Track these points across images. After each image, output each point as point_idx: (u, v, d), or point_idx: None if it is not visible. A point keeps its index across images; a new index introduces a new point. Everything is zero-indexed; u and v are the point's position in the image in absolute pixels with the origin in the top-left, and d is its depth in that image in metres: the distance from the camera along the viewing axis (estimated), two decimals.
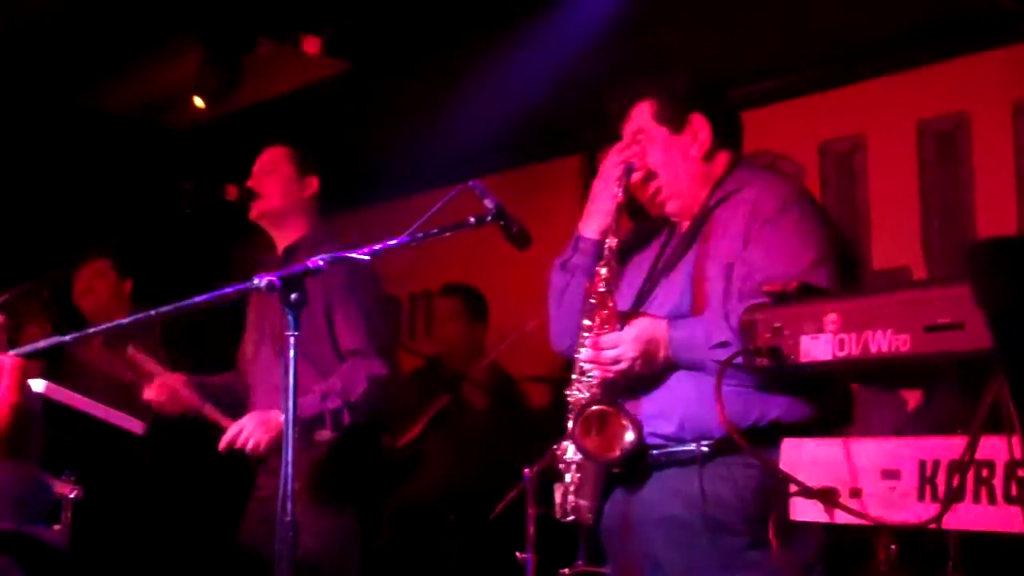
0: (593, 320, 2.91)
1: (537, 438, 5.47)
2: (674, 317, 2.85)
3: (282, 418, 3.58)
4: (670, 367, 2.85)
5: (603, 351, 2.82)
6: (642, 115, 3.02)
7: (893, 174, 5.05)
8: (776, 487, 2.37)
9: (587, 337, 2.90)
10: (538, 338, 6.10)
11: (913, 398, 3.73)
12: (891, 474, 2.18)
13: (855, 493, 2.22)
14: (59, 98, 5.90)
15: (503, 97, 5.75)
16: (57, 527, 3.72)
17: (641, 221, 3.25)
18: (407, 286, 6.73)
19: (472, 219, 2.81)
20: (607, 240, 2.95)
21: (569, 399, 2.92)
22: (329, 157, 4.19)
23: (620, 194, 2.97)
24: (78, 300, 5.05)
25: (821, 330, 2.20)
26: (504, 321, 6.04)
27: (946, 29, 4.76)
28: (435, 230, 2.79)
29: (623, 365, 2.81)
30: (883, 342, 2.11)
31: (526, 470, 4.41)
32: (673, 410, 2.83)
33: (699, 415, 2.78)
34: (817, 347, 2.21)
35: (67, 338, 3.31)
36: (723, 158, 3.02)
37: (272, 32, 5.24)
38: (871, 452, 2.22)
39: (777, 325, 2.27)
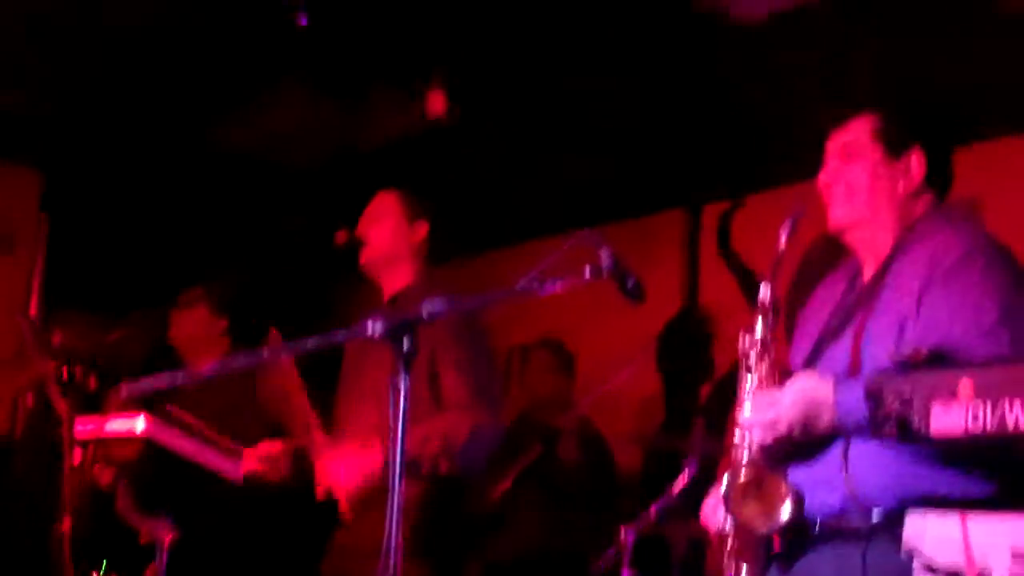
0: (756, 372, 2.71)
1: (630, 495, 5.45)
2: (842, 377, 2.60)
3: (379, 459, 3.59)
4: (833, 437, 2.59)
5: (759, 413, 2.61)
6: (861, 128, 2.79)
7: None
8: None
9: (748, 390, 2.71)
10: (628, 392, 6.11)
11: None
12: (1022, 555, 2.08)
13: (983, 574, 2.12)
14: (177, 135, 5.99)
15: (607, 148, 5.76)
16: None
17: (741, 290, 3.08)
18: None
19: (588, 270, 2.73)
20: (763, 290, 2.75)
21: (729, 458, 2.72)
22: (439, 206, 4.17)
23: (783, 240, 2.77)
24: (173, 338, 5.07)
25: (954, 398, 2.10)
26: (593, 375, 6.01)
27: None
28: (551, 281, 2.72)
29: (781, 429, 2.57)
30: (1022, 415, 2.01)
31: (623, 529, 4.35)
32: (838, 479, 2.56)
33: (867, 485, 2.53)
34: (949, 418, 2.11)
35: (175, 378, 3.35)
36: (924, 202, 2.78)
37: (390, 79, 5.29)
38: (999, 530, 2.12)
39: (906, 393, 2.18)
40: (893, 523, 2.41)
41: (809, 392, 2.55)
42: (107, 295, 5.81)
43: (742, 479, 2.59)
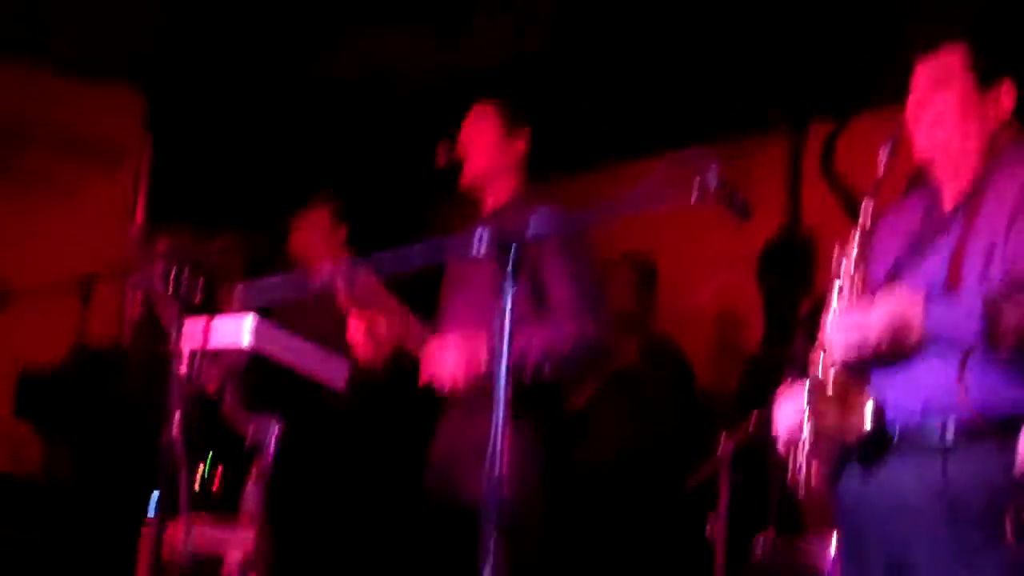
0: (847, 286, 2.74)
1: (729, 407, 5.44)
2: (935, 295, 2.63)
3: (483, 353, 3.60)
4: (918, 350, 2.63)
5: (848, 331, 2.63)
6: (952, 57, 2.78)
7: None
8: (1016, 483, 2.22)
9: (834, 306, 2.73)
10: (727, 309, 6.07)
11: None
12: None
13: None
14: (279, 58, 6.03)
15: (713, 68, 5.68)
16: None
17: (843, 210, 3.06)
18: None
19: (696, 187, 2.71)
20: (863, 207, 2.77)
21: (808, 371, 2.75)
22: (539, 124, 4.14)
23: (883, 162, 2.80)
24: (294, 246, 5.13)
25: None
26: (687, 293, 6.00)
27: None
28: (657, 197, 2.71)
29: (867, 350, 2.61)
30: None
31: (723, 436, 4.37)
32: (918, 392, 2.63)
33: (946, 398, 2.57)
34: None
35: (294, 278, 3.36)
36: (1010, 133, 2.79)
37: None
38: None
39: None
40: (974, 436, 2.51)
41: (898, 312, 2.58)
42: (208, 211, 5.90)
43: (827, 391, 2.64)
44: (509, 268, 2.58)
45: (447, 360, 3.67)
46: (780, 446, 2.84)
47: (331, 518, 4.50)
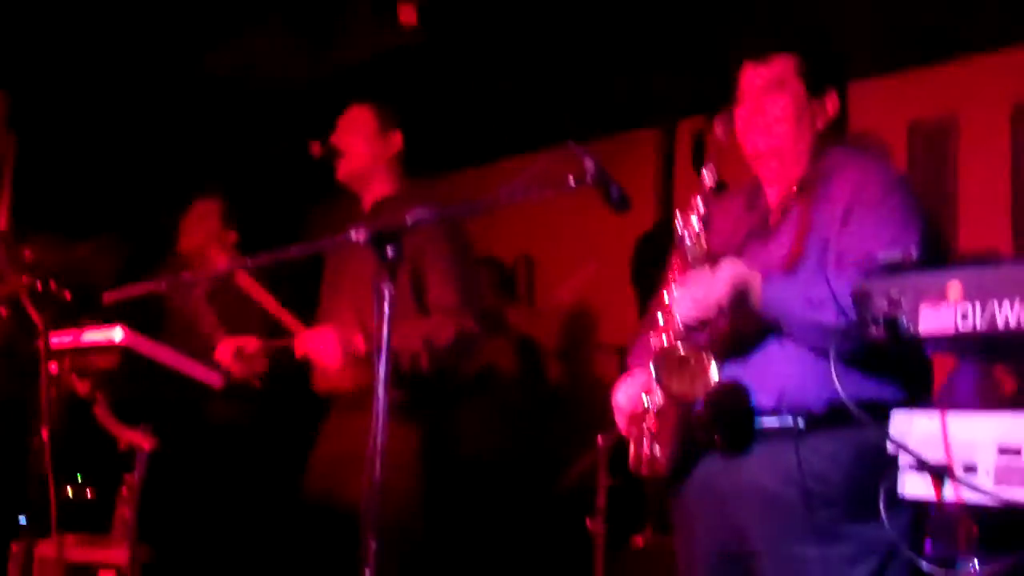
0: (682, 261, 2.86)
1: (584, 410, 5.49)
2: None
3: (361, 344, 3.59)
4: (761, 333, 2.77)
5: (692, 287, 2.73)
6: (785, 65, 2.94)
7: (984, 156, 4.95)
8: (882, 460, 2.29)
9: (674, 278, 2.84)
10: (605, 305, 6.15)
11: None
12: (1009, 450, 2.11)
13: (968, 469, 2.15)
14: (159, 60, 5.93)
15: (581, 67, 5.74)
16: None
17: (722, 192, 3.18)
18: None
19: (572, 179, 2.74)
20: (705, 175, 2.89)
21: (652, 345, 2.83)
22: (415, 122, 4.16)
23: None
24: (182, 242, 5.03)
25: (943, 299, 2.12)
26: (551, 289, 6.06)
27: None
28: (535, 188, 2.74)
29: (711, 303, 2.70)
30: (1011, 315, 2.04)
31: (600, 438, 4.39)
32: (770, 383, 2.76)
33: (797, 388, 2.72)
34: (938, 318, 2.13)
35: (156, 285, 3.32)
36: (831, 135, 2.98)
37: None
38: (987, 428, 2.15)
39: (895, 294, 2.20)
40: (824, 423, 2.68)
41: (742, 274, 2.71)
42: (74, 214, 5.76)
43: (667, 354, 2.71)
44: (387, 263, 2.57)
45: (323, 347, 3.66)
46: (621, 421, 2.91)
47: (207, 529, 4.44)
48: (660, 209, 6.08)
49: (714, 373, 2.68)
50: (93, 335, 3.73)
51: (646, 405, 2.84)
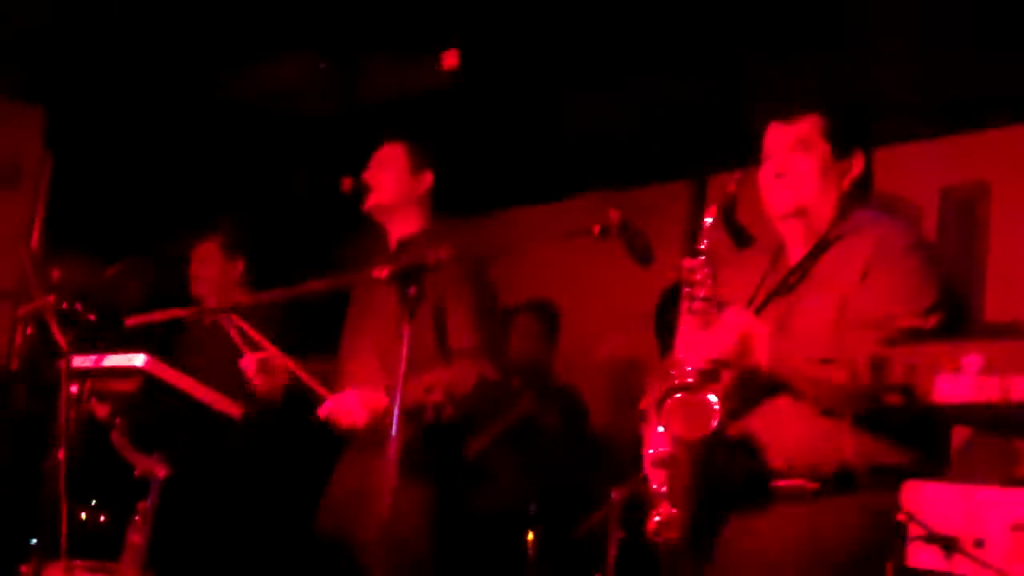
0: (690, 311, 2.86)
1: (624, 459, 5.45)
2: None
3: (384, 401, 3.60)
4: (767, 387, 2.76)
5: (697, 335, 2.74)
6: (811, 126, 2.96)
7: (1015, 225, 4.93)
8: (893, 530, 2.28)
9: (682, 327, 2.84)
10: (624, 359, 6.12)
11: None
12: (1021, 527, 2.09)
13: (978, 544, 2.13)
14: (192, 87, 5.98)
15: (616, 118, 5.76)
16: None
17: (743, 247, 3.20)
18: None
19: (597, 228, 2.75)
20: (707, 220, 2.90)
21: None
22: (447, 162, 4.18)
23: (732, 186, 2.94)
24: (191, 282, 5.08)
25: (960, 370, 2.12)
26: (583, 340, 6.03)
27: None
28: (560, 236, 2.75)
29: (717, 353, 2.70)
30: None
31: (614, 492, 4.36)
32: (781, 443, 2.75)
33: (808, 450, 2.71)
34: (955, 388, 2.12)
35: (181, 312, 3.35)
36: (856, 195, 2.99)
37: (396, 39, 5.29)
38: (999, 502, 2.13)
39: (912, 362, 2.19)
40: (836, 488, 2.65)
41: (748, 324, 2.73)
42: (107, 235, 5.80)
43: (670, 397, 2.69)
44: (407, 300, 2.58)
45: (347, 412, 3.68)
46: (648, 466, 2.87)
47: (218, 559, 4.44)
48: None
49: (717, 414, 2.66)
50: (115, 359, 3.74)
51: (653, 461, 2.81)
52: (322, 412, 3.73)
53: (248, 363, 3.91)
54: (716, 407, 2.66)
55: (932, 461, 2.70)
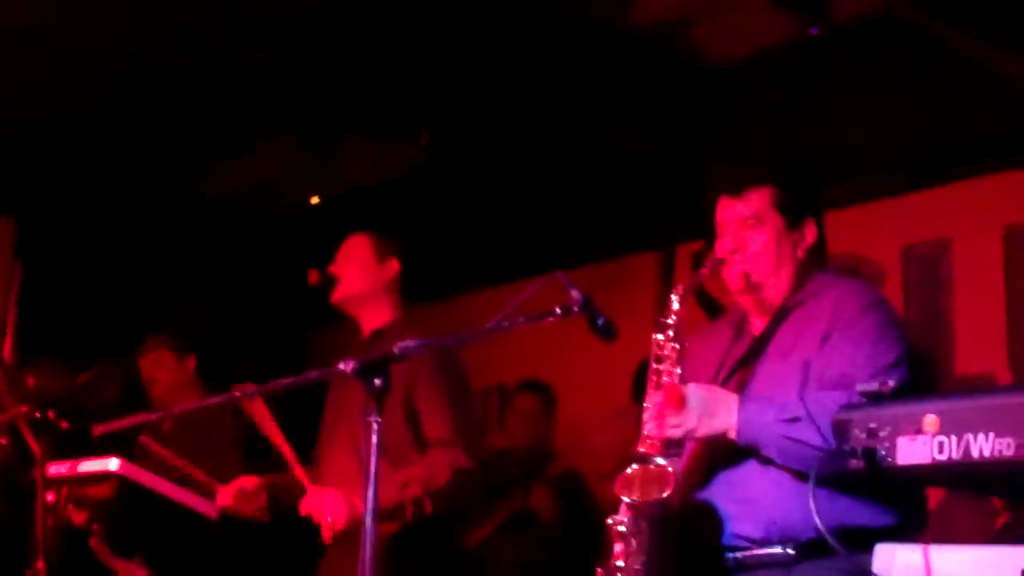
0: (658, 384, 2.87)
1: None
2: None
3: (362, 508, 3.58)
4: (742, 455, 2.78)
5: (661, 408, 2.75)
6: (761, 199, 2.99)
7: (979, 279, 4.99)
8: None
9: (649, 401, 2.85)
10: (613, 437, 6.11)
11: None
12: None
13: None
14: (150, 183, 6.02)
15: (579, 193, 5.82)
16: None
17: (715, 318, 3.23)
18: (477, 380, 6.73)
19: (559, 309, 2.78)
20: (673, 297, 2.92)
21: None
22: (412, 249, 4.22)
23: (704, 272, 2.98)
24: (146, 384, 5.08)
25: (920, 432, 2.15)
26: (572, 418, 6.02)
27: None
28: (521, 319, 2.77)
29: (681, 420, 2.73)
30: (985, 446, 2.05)
31: (599, 570, 4.34)
32: (757, 511, 2.77)
33: (784, 516, 2.72)
34: (915, 450, 2.15)
35: (145, 418, 3.35)
36: (812, 261, 3.03)
37: (363, 127, 5.34)
38: (968, 561, 2.15)
39: (872, 425, 2.22)
40: (812, 552, 2.67)
41: (713, 391, 2.80)
42: (80, 340, 5.80)
43: (627, 467, 2.74)
44: (374, 393, 2.59)
45: (330, 509, 3.65)
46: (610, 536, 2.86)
47: None
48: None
49: (672, 474, 2.69)
50: (89, 465, 3.75)
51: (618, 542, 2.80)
52: (304, 507, 3.72)
53: (224, 496, 3.89)
54: (671, 472, 2.69)
55: (911, 520, 2.74)
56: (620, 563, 2.77)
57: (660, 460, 2.72)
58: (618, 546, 2.79)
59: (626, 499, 2.75)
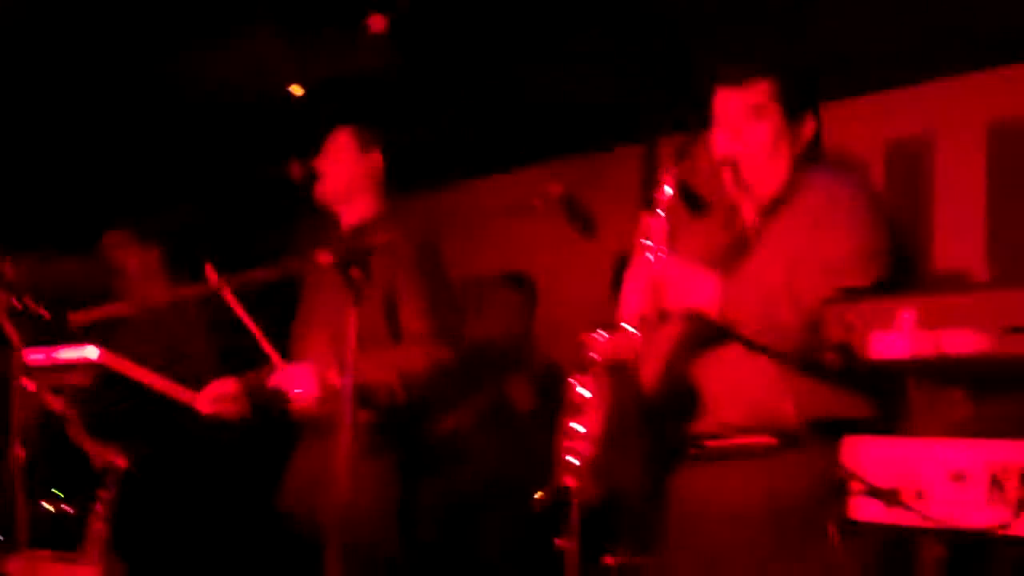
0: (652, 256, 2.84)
1: None
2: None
3: (338, 380, 3.57)
4: (724, 338, 2.79)
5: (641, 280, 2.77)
6: (763, 91, 2.94)
7: (961, 175, 4.98)
8: (839, 484, 2.32)
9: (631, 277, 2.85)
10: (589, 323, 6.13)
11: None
12: (958, 477, 2.13)
13: (919, 495, 2.18)
14: (125, 68, 5.93)
15: (566, 84, 5.77)
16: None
17: (699, 213, 3.22)
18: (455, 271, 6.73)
19: (538, 202, 2.77)
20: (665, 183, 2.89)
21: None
22: (396, 141, 4.17)
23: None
24: (117, 274, 5.06)
25: (894, 327, 2.15)
26: (553, 310, 6.03)
27: (1019, 31, 4.67)
28: (504, 212, 2.77)
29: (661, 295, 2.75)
30: (960, 342, 2.06)
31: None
32: (738, 397, 2.79)
33: (766, 404, 2.74)
34: (889, 344, 2.16)
35: (120, 307, 3.33)
36: (808, 155, 3.00)
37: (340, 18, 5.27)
38: (937, 453, 2.18)
39: (848, 320, 2.23)
40: (793, 443, 2.70)
41: (699, 266, 2.79)
42: (55, 230, 5.76)
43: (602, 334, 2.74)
44: (352, 285, 2.59)
45: (301, 383, 3.64)
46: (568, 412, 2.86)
47: (182, 546, 4.44)
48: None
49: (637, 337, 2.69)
50: (68, 353, 3.74)
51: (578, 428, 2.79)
52: (272, 380, 3.71)
53: (203, 402, 3.89)
54: (637, 336, 2.70)
55: (891, 411, 2.69)
56: (580, 428, 2.76)
57: (629, 328, 2.72)
58: (579, 410, 2.79)
59: (591, 357, 2.75)
